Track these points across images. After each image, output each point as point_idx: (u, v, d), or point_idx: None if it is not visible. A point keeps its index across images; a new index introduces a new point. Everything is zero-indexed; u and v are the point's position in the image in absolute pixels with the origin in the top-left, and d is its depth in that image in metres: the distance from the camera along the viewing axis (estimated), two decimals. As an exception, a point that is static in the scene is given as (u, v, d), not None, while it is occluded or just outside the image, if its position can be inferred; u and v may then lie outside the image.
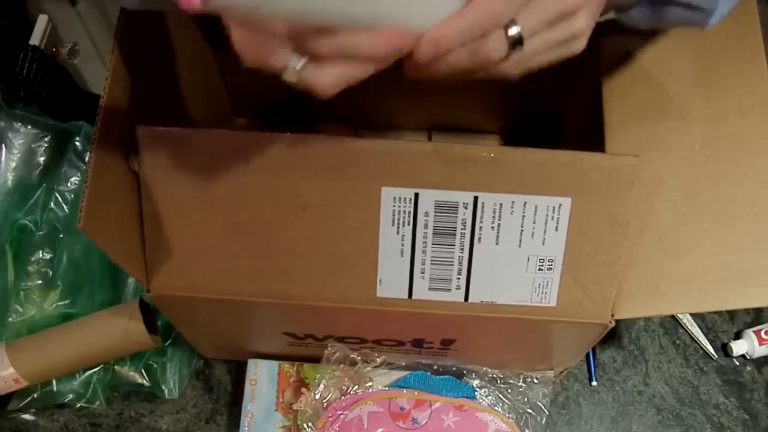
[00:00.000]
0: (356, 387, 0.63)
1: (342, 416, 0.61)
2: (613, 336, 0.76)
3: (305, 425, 0.63)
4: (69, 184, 0.70)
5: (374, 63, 0.35)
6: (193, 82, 0.65)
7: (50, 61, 0.70)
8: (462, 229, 0.50)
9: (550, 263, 0.50)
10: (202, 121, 0.68)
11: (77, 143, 0.71)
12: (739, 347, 0.74)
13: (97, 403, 0.67)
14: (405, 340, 0.60)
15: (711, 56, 0.57)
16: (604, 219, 0.49)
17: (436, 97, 0.77)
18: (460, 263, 0.50)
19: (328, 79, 0.34)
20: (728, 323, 0.78)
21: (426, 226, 0.50)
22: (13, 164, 0.69)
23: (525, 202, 0.49)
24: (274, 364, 0.66)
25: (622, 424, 0.72)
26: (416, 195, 0.49)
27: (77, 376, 0.67)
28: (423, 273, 0.51)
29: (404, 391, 0.63)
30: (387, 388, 0.64)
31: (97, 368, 0.67)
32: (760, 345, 0.73)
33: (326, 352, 0.63)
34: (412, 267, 0.51)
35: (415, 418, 0.61)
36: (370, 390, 0.63)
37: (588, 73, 0.65)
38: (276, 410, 0.65)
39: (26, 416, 0.69)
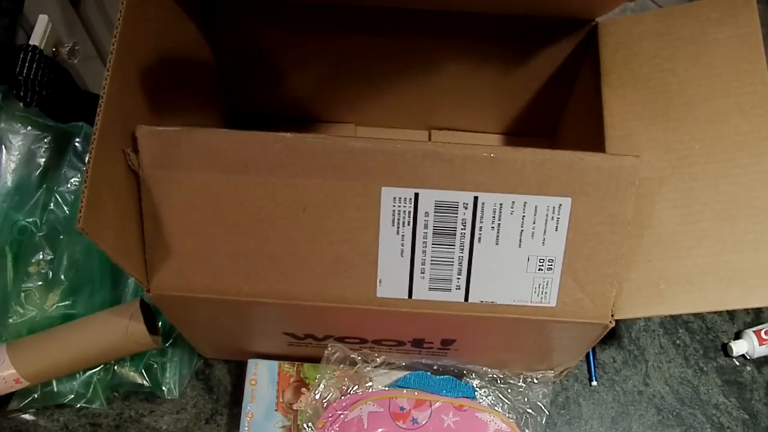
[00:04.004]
0: (356, 387, 0.63)
1: (342, 416, 0.61)
2: (613, 336, 0.76)
3: (305, 425, 0.63)
4: (69, 185, 0.70)
5: None
6: (193, 81, 0.65)
7: (50, 61, 0.70)
8: (462, 229, 0.50)
9: (550, 263, 0.50)
10: (202, 121, 0.68)
11: (77, 144, 0.71)
12: (739, 347, 0.74)
13: (98, 403, 0.67)
14: (405, 340, 0.60)
15: (711, 56, 0.57)
16: (604, 219, 0.49)
17: (436, 97, 0.78)
18: (460, 263, 0.50)
19: None
20: (728, 323, 0.78)
21: (426, 226, 0.50)
22: (13, 165, 0.69)
23: (525, 202, 0.49)
24: (274, 364, 0.66)
25: (622, 424, 0.72)
26: (416, 195, 0.49)
27: (77, 376, 0.67)
28: (423, 273, 0.51)
29: (404, 391, 0.63)
30: (387, 388, 0.64)
31: (98, 368, 0.67)
32: (760, 345, 0.73)
33: (326, 352, 0.63)
34: (412, 267, 0.51)
35: (415, 418, 0.61)
36: (370, 390, 0.63)
37: (588, 73, 0.65)
38: (276, 410, 0.65)
39: (26, 416, 0.69)
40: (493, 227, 0.49)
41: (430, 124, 0.83)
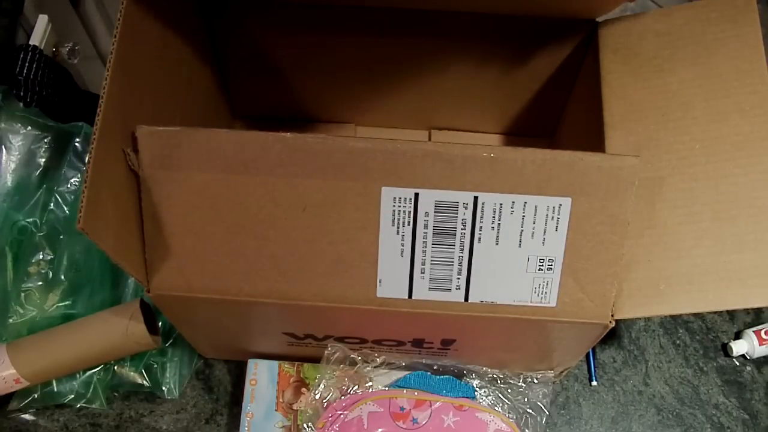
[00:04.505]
0: (356, 387, 0.63)
1: (342, 416, 0.61)
2: (613, 336, 0.76)
3: (305, 425, 0.63)
4: (69, 185, 0.70)
5: None
6: (193, 81, 0.65)
7: (50, 61, 0.70)
8: (462, 229, 0.50)
9: (550, 263, 0.50)
10: (202, 121, 0.68)
11: (77, 144, 0.71)
12: (739, 347, 0.74)
13: (98, 403, 0.67)
14: (405, 340, 0.60)
15: (711, 56, 0.57)
16: (604, 219, 0.49)
17: (436, 97, 0.78)
18: (460, 263, 0.50)
19: None
20: (728, 323, 0.78)
21: (426, 226, 0.50)
22: (13, 165, 0.69)
23: (525, 202, 0.49)
24: (274, 364, 0.66)
25: (622, 424, 0.72)
26: (416, 195, 0.49)
27: (77, 376, 0.67)
28: (423, 273, 0.51)
29: (404, 391, 0.63)
30: (387, 388, 0.64)
31: (98, 368, 0.67)
32: (760, 345, 0.73)
33: (326, 352, 0.63)
34: (412, 267, 0.51)
35: (415, 418, 0.61)
36: (370, 390, 0.63)
37: (588, 73, 0.65)
38: (276, 410, 0.65)
39: (26, 416, 0.69)
40: (493, 227, 0.49)
41: (430, 124, 0.83)
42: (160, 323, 0.68)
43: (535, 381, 0.65)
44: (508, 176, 0.48)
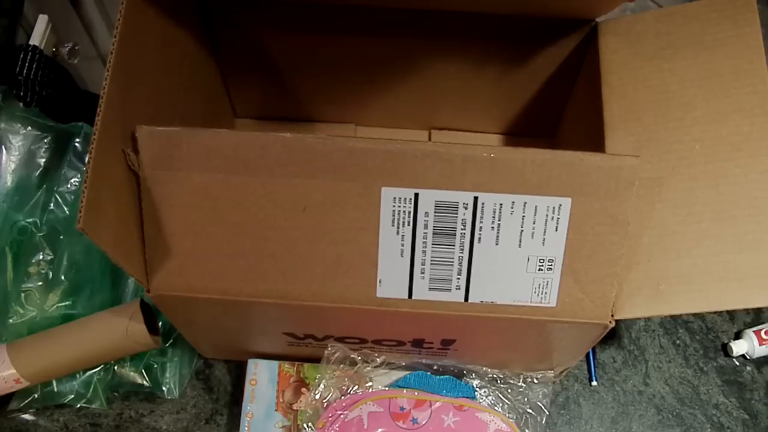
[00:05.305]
0: (356, 387, 0.63)
1: (342, 416, 0.61)
2: (613, 336, 0.76)
3: (305, 425, 0.63)
4: (69, 185, 0.70)
5: None
6: (193, 82, 0.65)
7: (50, 61, 0.70)
8: (462, 229, 0.50)
9: (550, 263, 0.50)
10: (202, 121, 0.68)
11: (77, 144, 0.71)
12: (739, 347, 0.74)
13: (98, 403, 0.67)
14: (405, 340, 0.60)
15: (711, 56, 0.57)
16: (604, 219, 0.49)
17: (436, 97, 0.78)
18: (460, 263, 0.50)
19: None
20: (728, 323, 0.78)
21: (426, 226, 0.50)
22: (13, 166, 0.69)
23: (525, 202, 0.49)
24: (274, 364, 0.66)
25: (622, 424, 0.72)
26: (416, 195, 0.49)
27: (77, 376, 0.67)
28: (423, 273, 0.51)
29: (404, 391, 0.63)
30: (387, 388, 0.64)
31: (98, 368, 0.67)
32: (760, 345, 0.73)
33: (326, 352, 0.63)
34: (412, 267, 0.51)
35: (415, 418, 0.61)
36: (370, 390, 0.63)
37: (588, 73, 0.65)
38: (276, 410, 0.65)
39: (26, 416, 0.69)
40: (493, 227, 0.49)
41: (430, 124, 0.83)
42: (160, 323, 0.68)
43: (535, 381, 0.65)
44: (508, 176, 0.48)
